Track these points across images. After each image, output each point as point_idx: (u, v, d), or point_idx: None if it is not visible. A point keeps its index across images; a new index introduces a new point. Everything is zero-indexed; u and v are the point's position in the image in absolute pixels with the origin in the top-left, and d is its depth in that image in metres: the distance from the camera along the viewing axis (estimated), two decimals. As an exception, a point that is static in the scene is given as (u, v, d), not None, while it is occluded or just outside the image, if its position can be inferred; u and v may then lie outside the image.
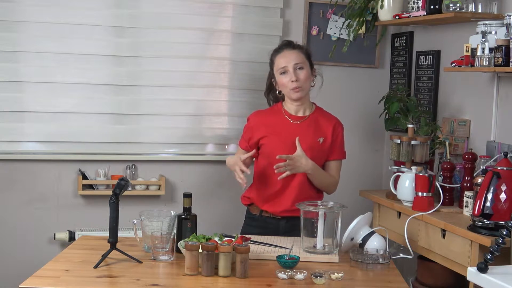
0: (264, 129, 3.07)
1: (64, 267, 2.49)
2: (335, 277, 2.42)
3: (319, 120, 3.09)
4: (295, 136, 2.99)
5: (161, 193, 4.04)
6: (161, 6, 3.99)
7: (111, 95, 3.99)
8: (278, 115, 3.10)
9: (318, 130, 3.06)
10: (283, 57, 3.02)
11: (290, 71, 2.99)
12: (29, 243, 3.96)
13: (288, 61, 3.00)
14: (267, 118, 3.11)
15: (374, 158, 4.38)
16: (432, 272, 3.18)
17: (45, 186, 3.97)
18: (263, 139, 3.07)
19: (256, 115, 3.16)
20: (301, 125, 3.06)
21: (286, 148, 2.98)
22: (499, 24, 3.01)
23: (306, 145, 2.99)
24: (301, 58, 3.02)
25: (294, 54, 3.02)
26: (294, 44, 3.09)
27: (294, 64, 2.99)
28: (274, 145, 3.03)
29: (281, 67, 3.00)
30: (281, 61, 3.02)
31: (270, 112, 3.15)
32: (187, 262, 2.44)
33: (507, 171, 2.60)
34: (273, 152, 3.01)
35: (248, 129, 3.14)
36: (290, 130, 3.04)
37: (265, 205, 3.09)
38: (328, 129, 3.07)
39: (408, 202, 3.19)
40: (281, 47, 3.08)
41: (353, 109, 4.32)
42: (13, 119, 3.88)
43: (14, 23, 3.84)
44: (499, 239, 2.16)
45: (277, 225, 3.07)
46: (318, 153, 3.04)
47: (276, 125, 3.07)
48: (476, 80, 3.42)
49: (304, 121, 3.07)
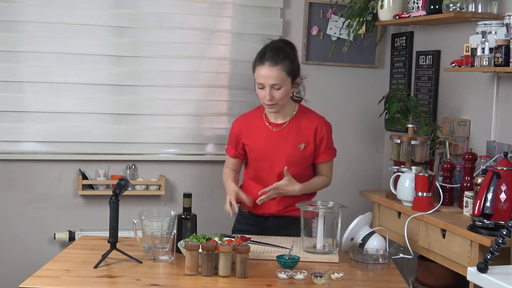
0: (246, 136, 3.04)
1: (64, 267, 2.49)
2: (335, 277, 2.42)
3: (300, 124, 2.99)
4: (275, 145, 2.97)
5: (161, 193, 4.04)
6: (161, 6, 3.99)
7: (111, 95, 3.99)
8: (259, 121, 3.03)
9: (299, 136, 2.98)
10: (262, 73, 2.85)
11: (266, 89, 2.86)
12: (29, 243, 3.96)
13: (266, 79, 2.84)
14: (249, 124, 3.05)
15: (374, 158, 4.38)
16: (432, 272, 3.18)
17: (45, 186, 3.97)
18: (246, 147, 3.05)
19: (240, 121, 3.10)
20: (280, 133, 2.99)
21: (267, 157, 2.98)
22: (499, 24, 3.00)
23: (286, 153, 2.96)
24: (280, 78, 2.84)
25: (274, 72, 2.83)
26: (278, 58, 2.85)
27: (270, 84, 2.85)
28: (256, 154, 3.02)
29: (259, 82, 2.88)
30: (260, 75, 2.86)
31: (253, 116, 3.07)
32: (187, 262, 2.44)
33: (507, 171, 2.59)
34: (255, 160, 3.03)
35: (233, 136, 3.09)
36: (270, 138, 2.99)
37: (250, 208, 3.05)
38: (309, 134, 2.99)
39: (408, 202, 3.19)
40: (265, 58, 2.86)
41: (353, 109, 4.32)
42: (13, 119, 3.89)
43: (14, 23, 3.84)
44: (499, 239, 2.16)
45: (265, 223, 3.06)
46: (300, 160, 2.98)
47: (257, 133, 3.02)
48: (476, 80, 3.42)
49: (284, 128, 2.99)
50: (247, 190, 3.07)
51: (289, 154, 2.96)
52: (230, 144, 3.13)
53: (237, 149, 3.08)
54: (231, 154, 3.12)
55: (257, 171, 3.04)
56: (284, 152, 2.97)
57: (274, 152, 2.98)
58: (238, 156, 3.10)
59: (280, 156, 2.97)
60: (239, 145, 3.07)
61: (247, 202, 2.97)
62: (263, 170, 3.01)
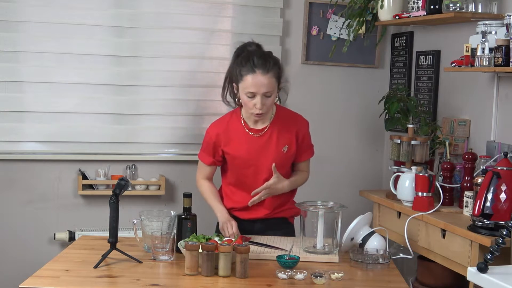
0: (225, 144, 2.94)
1: (64, 267, 2.49)
2: (335, 277, 2.42)
3: (280, 127, 2.93)
4: (258, 151, 2.92)
5: (161, 193, 4.04)
6: (161, 6, 3.99)
7: (111, 95, 3.99)
8: (237, 127, 2.94)
9: (281, 139, 2.93)
10: (255, 81, 2.76)
11: (257, 98, 2.77)
12: (29, 243, 3.96)
13: (259, 88, 2.76)
14: (227, 131, 2.95)
15: (374, 158, 4.38)
16: (432, 272, 3.18)
17: (45, 186, 3.97)
18: (227, 154, 2.96)
19: (215, 128, 2.97)
20: (262, 138, 2.92)
21: (251, 164, 2.93)
22: (499, 24, 3.00)
23: (271, 158, 2.91)
24: (271, 85, 2.78)
25: (266, 80, 2.75)
26: (269, 65, 2.79)
27: (263, 92, 2.77)
28: (238, 161, 2.94)
29: (250, 91, 2.77)
30: (251, 84, 2.76)
31: (229, 122, 2.97)
32: (187, 262, 2.44)
33: (507, 171, 2.59)
34: (238, 168, 2.96)
35: (209, 144, 2.97)
36: (251, 144, 2.93)
37: (237, 213, 3.02)
38: (291, 136, 2.94)
39: (408, 202, 3.19)
40: (255, 66, 2.77)
41: (353, 109, 4.32)
42: (13, 119, 3.89)
43: (14, 23, 3.84)
44: (499, 239, 2.16)
45: (251, 226, 3.02)
46: (284, 162, 2.95)
47: (237, 139, 2.93)
48: (476, 80, 3.42)
49: (265, 133, 2.92)
50: (229, 196, 3.03)
51: (274, 159, 2.91)
52: (205, 151, 3.00)
53: (215, 156, 2.98)
54: (208, 162, 3.00)
55: (240, 178, 2.97)
56: (269, 157, 2.92)
57: (258, 159, 2.92)
58: (216, 163, 3.01)
59: (265, 162, 2.92)
60: (217, 152, 2.97)
61: (237, 236, 2.82)
62: (247, 176, 2.95)
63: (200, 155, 3.05)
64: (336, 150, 4.28)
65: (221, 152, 2.97)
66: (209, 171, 3.05)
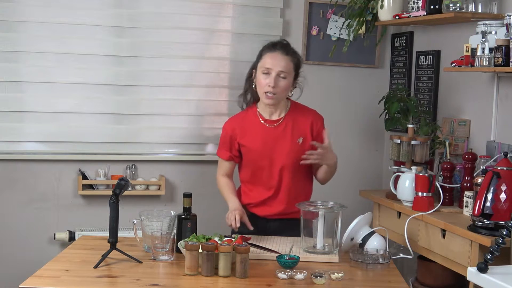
0: (241, 137, 3.00)
1: (64, 267, 2.49)
2: (335, 277, 2.42)
3: (295, 119, 2.99)
4: (273, 141, 2.96)
5: (161, 193, 4.04)
6: (161, 6, 3.99)
7: (111, 95, 3.99)
8: (253, 120, 3.01)
9: (296, 130, 2.98)
10: (272, 59, 2.89)
11: (272, 75, 2.86)
12: (29, 243, 3.96)
13: (275, 65, 2.87)
14: (242, 124, 3.02)
15: (374, 158, 4.38)
16: (432, 272, 3.18)
17: (45, 186, 3.97)
18: (243, 147, 3.01)
19: (232, 123, 3.05)
20: (277, 129, 2.98)
21: (266, 155, 2.96)
22: (499, 24, 3.00)
23: (286, 148, 2.95)
24: (288, 67, 2.89)
25: (284, 61, 2.89)
26: (289, 49, 2.95)
27: (278, 71, 2.87)
28: (254, 153, 2.98)
29: (266, 67, 2.88)
30: (268, 61, 2.88)
31: (245, 117, 3.04)
32: (187, 262, 2.44)
33: (507, 171, 2.59)
34: (254, 160, 2.99)
35: (226, 138, 3.03)
36: (267, 135, 2.97)
37: (254, 209, 3.04)
38: (306, 128, 2.99)
39: (408, 202, 3.19)
40: (275, 46, 2.93)
41: (353, 109, 4.32)
42: (13, 119, 3.89)
43: (14, 23, 3.84)
44: (499, 239, 2.16)
45: (266, 225, 3.02)
46: (299, 154, 2.95)
47: (252, 131, 2.99)
48: (476, 80, 3.42)
49: (280, 124, 2.98)
50: (246, 193, 3.05)
51: (289, 149, 2.95)
52: (223, 147, 3.06)
53: (232, 151, 3.03)
54: (225, 157, 3.05)
55: (256, 172, 3.01)
56: (284, 147, 2.96)
57: (273, 149, 2.96)
58: (233, 158, 3.05)
59: (280, 152, 2.96)
60: (234, 146, 3.02)
61: (249, 227, 2.90)
62: (263, 169, 2.98)
63: (218, 152, 3.10)
64: (336, 150, 4.22)
65: (237, 146, 3.01)
66: (227, 167, 3.07)
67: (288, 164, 2.96)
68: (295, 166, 2.96)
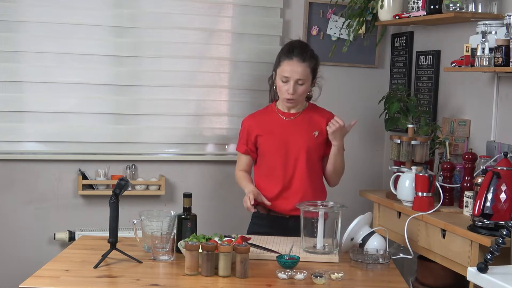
0: (258, 129, 3.09)
1: (64, 267, 2.49)
2: (335, 277, 2.42)
3: (312, 114, 3.10)
4: (290, 132, 3.04)
5: (161, 193, 4.04)
6: (161, 6, 3.99)
7: (111, 95, 3.99)
8: (271, 114, 3.11)
9: (312, 124, 3.08)
10: (290, 67, 2.97)
11: (290, 83, 2.97)
12: (29, 243, 3.96)
13: (292, 74, 2.96)
14: (260, 118, 3.13)
15: (374, 158, 4.38)
16: (432, 272, 3.18)
17: (45, 186, 3.97)
18: (259, 139, 3.09)
19: (250, 118, 3.17)
20: (294, 121, 3.08)
21: (282, 146, 3.03)
22: (499, 24, 3.00)
23: (302, 140, 3.03)
24: (306, 74, 2.98)
25: (301, 68, 2.96)
26: (306, 54, 3.00)
27: (296, 79, 2.96)
28: (270, 144, 3.07)
29: (284, 75, 2.98)
30: (287, 69, 2.97)
31: (263, 112, 3.16)
32: (187, 262, 2.44)
33: (507, 171, 2.60)
34: (270, 151, 3.06)
35: (244, 132, 3.14)
36: (284, 127, 3.07)
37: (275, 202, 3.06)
38: (322, 122, 3.07)
39: (408, 202, 3.19)
40: (293, 54, 2.98)
41: (353, 109, 4.31)
42: (13, 119, 3.88)
43: (14, 23, 3.84)
44: (499, 239, 2.16)
45: (285, 223, 3.06)
46: (315, 147, 3.06)
47: (270, 124, 3.09)
48: (476, 80, 3.42)
49: (297, 117, 3.08)
50: (261, 187, 3.08)
51: (304, 140, 3.03)
52: (241, 141, 3.16)
53: (248, 144, 3.12)
54: (242, 150, 3.15)
55: (271, 164, 3.07)
56: (300, 138, 3.04)
57: (290, 139, 3.04)
58: (249, 152, 3.13)
59: (296, 143, 3.03)
60: (250, 140, 3.11)
61: (267, 203, 2.99)
62: (278, 160, 3.04)
63: (237, 147, 3.20)
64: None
65: (254, 139, 3.10)
66: (244, 162, 3.16)
67: (303, 156, 3.03)
68: (309, 157, 3.04)
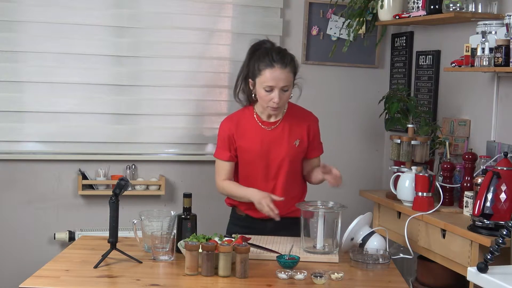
0: (239, 137, 2.97)
1: (64, 267, 2.49)
2: (335, 277, 2.42)
3: (292, 122, 2.98)
4: (270, 144, 2.95)
5: (161, 193, 4.04)
6: (161, 6, 3.99)
7: (111, 95, 3.99)
8: (250, 121, 2.98)
9: (293, 133, 2.97)
10: (273, 75, 2.83)
11: (275, 92, 2.84)
12: (29, 243, 3.96)
13: (277, 82, 2.83)
14: (240, 124, 2.98)
15: (374, 158, 4.38)
16: (432, 272, 3.18)
17: (45, 186, 3.97)
18: (239, 148, 2.98)
19: (228, 122, 3.00)
20: (274, 131, 2.96)
21: (262, 157, 2.95)
22: (499, 24, 3.00)
23: (283, 151, 2.95)
24: (289, 80, 2.86)
25: (284, 74, 2.84)
26: (286, 59, 2.87)
27: (281, 86, 2.84)
28: (251, 155, 2.96)
29: (268, 85, 2.84)
30: (270, 78, 2.83)
31: (242, 116, 3.01)
32: (187, 262, 2.44)
33: (507, 171, 2.60)
34: (250, 162, 2.97)
35: (224, 138, 2.98)
36: (263, 137, 2.96)
37: (249, 211, 3.02)
38: (303, 130, 2.99)
39: (408, 202, 3.19)
40: (274, 60, 2.84)
41: (353, 109, 4.32)
42: (13, 119, 3.89)
43: (14, 23, 3.84)
44: (499, 239, 2.16)
45: (264, 226, 3.00)
46: (296, 156, 2.98)
47: (250, 133, 2.97)
48: (476, 80, 3.42)
49: (277, 126, 2.97)
50: None
51: (286, 152, 2.96)
52: (221, 148, 3.00)
53: (231, 150, 2.99)
54: (225, 158, 2.98)
55: (251, 173, 2.98)
56: (281, 149, 2.96)
57: (271, 151, 2.96)
58: (233, 158, 3.00)
59: (277, 154, 2.96)
60: (232, 146, 2.98)
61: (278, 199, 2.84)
62: (258, 171, 2.96)
63: (216, 153, 3.02)
64: (336, 150, 4.27)
65: (235, 145, 2.99)
66: (228, 170, 3.00)
67: (284, 166, 2.96)
68: (291, 168, 2.98)
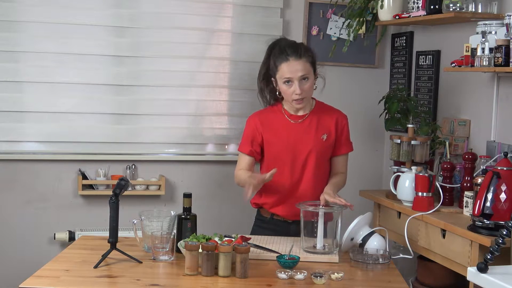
0: (265, 131, 2.99)
1: (64, 267, 2.49)
2: (335, 277, 2.42)
3: (320, 116, 3.01)
4: (297, 136, 2.96)
5: (161, 193, 4.04)
6: (161, 6, 3.99)
7: (111, 95, 3.99)
8: (278, 115, 3.01)
9: (320, 127, 2.99)
10: (289, 67, 2.87)
11: (295, 83, 2.87)
12: (29, 243, 3.96)
13: (294, 73, 2.86)
14: (267, 118, 3.01)
15: (374, 158, 4.38)
16: (432, 272, 3.19)
17: (45, 186, 3.97)
18: (266, 141, 2.99)
19: (256, 116, 3.03)
20: (302, 125, 2.99)
21: (289, 150, 2.96)
22: (499, 24, 3.00)
23: (310, 144, 2.96)
24: (307, 69, 2.89)
25: (301, 64, 2.87)
26: (301, 51, 2.90)
27: (299, 76, 2.87)
28: (277, 147, 2.98)
29: (286, 77, 2.88)
30: (287, 71, 2.87)
31: (270, 111, 3.04)
32: (187, 262, 2.44)
33: (507, 171, 2.60)
34: (277, 155, 2.98)
35: (250, 131, 3.01)
36: (291, 130, 2.98)
37: (275, 209, 3.03)
38: (331, 124, 3.01)
39: (408, 202, 3.19)
40: (288, 54, 2.89)
41: (353, 109, 4.29)
42: (13, 119, 3.89)
43: (14, 23, 3.84)
44: (499, 239, 2.16)
45: (287, 228, 3.01)
46: (323, 150, 2.99)
47: (277, 126, 2.99)
48: (476, 80, 3.42)
49: (305, 120, 2.99)
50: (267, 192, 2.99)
51: (313, 145, 2.96)
52: (245, 140, 3.02)
53: (254, 145, 2.99)
54: (246, 151, 3.00)
55: (278, 165, 2.92)
56: (308, 142, 2.96)
57: (297, 143, 2.96)
58: (254, 154, 3.00)
59: (304, 147, 2.96)
60: (256, 140, 2.99)
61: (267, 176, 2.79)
62: (285, 164, 2.95)
63: (239, 147, 3.06)
64: (336, 150, 4.28)
65: (260, 140, 2.99)
66: (246, 163, 3.01)
67: (311, 160, 2.96)
68: (318, 162, 2.97)
